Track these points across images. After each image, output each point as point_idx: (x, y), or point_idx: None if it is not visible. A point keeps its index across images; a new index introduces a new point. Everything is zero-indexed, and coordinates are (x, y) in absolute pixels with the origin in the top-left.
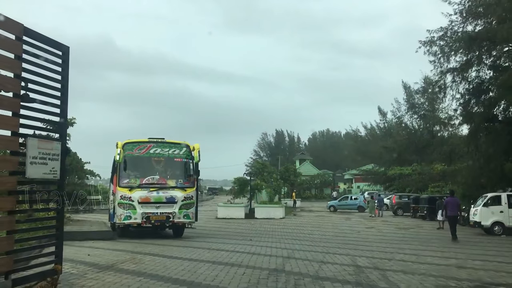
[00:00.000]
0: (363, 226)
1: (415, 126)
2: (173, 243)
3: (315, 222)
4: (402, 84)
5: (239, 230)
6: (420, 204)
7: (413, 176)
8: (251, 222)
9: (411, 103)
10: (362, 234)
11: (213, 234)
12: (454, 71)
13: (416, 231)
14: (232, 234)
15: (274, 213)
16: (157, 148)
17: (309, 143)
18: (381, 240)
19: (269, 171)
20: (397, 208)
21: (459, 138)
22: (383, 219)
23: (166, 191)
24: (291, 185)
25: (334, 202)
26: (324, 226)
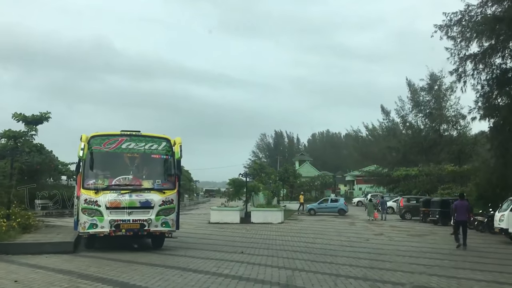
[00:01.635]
0: (370, 232)
1: (420, 125)
2: (144, 258)
3: (317, 228)
4: (407, 81)
5: (231, 238)
6: (432, 207)
7: (420, 177)
8: (247, 228)
9: (416, 101)
10: (372, 243)
11: (199, 244)
12: (476, 57)
13: (432, 239)
14: (221, 244)
15: (272, 218)
16: (131, 143)
17: (308, 144)
18: (397, 251)
19: (267, 172)
20: (405, 211)
21: (469, 137)
22: (391, 223)
23: (140, 194)
24: (291, 187)
25: (314, 205)
26: (327, 232)
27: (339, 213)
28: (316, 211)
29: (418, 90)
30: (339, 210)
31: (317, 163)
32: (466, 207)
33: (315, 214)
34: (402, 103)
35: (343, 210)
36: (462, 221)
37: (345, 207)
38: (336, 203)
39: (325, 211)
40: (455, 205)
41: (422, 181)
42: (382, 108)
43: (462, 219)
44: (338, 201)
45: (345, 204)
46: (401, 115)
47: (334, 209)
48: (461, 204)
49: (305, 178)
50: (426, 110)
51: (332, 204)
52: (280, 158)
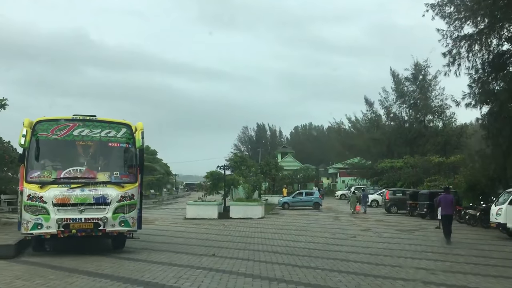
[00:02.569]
0: (356, 227)
1: (404, 116)
2: (94, 264)
3: (299, 223)
4: (391, 71)
5: (205, 236)
6: (419, 200)
7: (405, 169)
8: (224, 224)
9: (400, 92)
10: (360, 240)
11: (167, 245)
12: (471, 38)
13: (424, 235)
14: (192, 244)
15: (252, 212)
16: (84, 129)
17: (291, 137)
18: (389, 251)
19: (248, 164)
20: (390, 205)
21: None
22: (377, 218)
23: (95, 189)
24: (273, 180)
25: (288, 199)
26: (310, 228)
27: (314, 207)
28: (290, 205)
29: (403, 80)
30: (314, 204)
31: (300, 156)
32: (451, 201)
33: (289, 208)
34: (386, 94)
35: (318, 203)
36: (448, 215)
37: (320, 201)
38: (311, 197)
39: (299, 205)
40: (440, 198)
41: (407, 173)
42: (366, 99)
43: (448, 213)
44: (313, 194)
45: (321, 198)
46: (385, 106)
47: (309, 202)
48: (446, 197)
49: (288, 171)
50: (410, 101)
51: (306, 197)
52: (262, 151)
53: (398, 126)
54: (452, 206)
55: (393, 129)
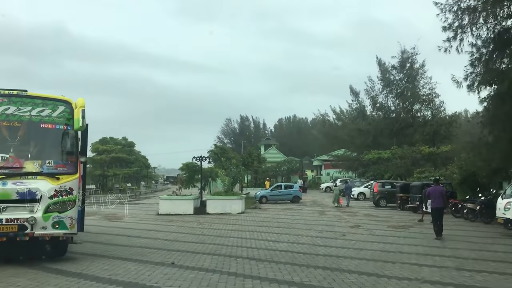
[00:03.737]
0: (344, 224)
1: (391, 106)
2: (9, 279)
3: (282, 219)
4: (377, 60)
5: (174, 236)
6: (411, 193)
7: (393, 160)
8: (199, 220)
9: (386, 81)
10: (351, 240)
11: (122, 248)
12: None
13: (420, 232)
14: (154, 248)
15: (231, 207)
16: (11, 106)
17: (275, 129)
18: (385, 254)
19: (228, 156)
20: (379, 198)
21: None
22: (365, 212)
23: (20, 181)
24: (255, 172)
25: (266, 192)
26: (294, 225)
27: (293, 201)
28: (268, 198)
29: (389, 68)
30: (293, 198)
31: (284, 148)
32: (441, 193)
33: (267, 202)
34: (372, 83)
35: (297, 197)
36: (439, 208)
37: (300, 194)
38: (290, 190)
39: (278, 199)
40: (429, 191)
41: (395, 164)
42: (351, 88)
43: (438, 205)
44: (292, 187)
45: (300, 191)
46: (371, 95)
47: (289, 196)
48: (436, 189)
49: (271, 163)
50: (397, 90)
51: (286, 191)
52: (244, 142)
53: (384, 116)
54: (442, 199)
55: (379, 119)
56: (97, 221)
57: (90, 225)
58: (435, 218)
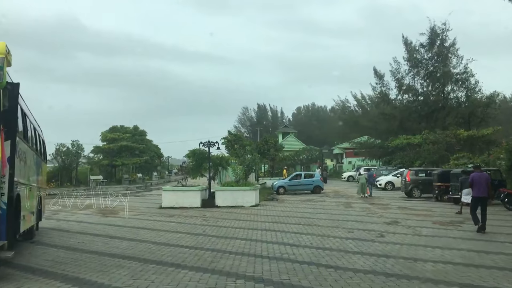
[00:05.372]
0: (378, 219)
1: (418, 88)
2: None
3: (302, 213)
4: (403, 39)
5: (166, 237)
6: (452, 182)
7: (424, 146)
8: (205, 215)
9: (414, 61)
10: (394, 243)
11: (88, 255)
12: None
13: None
14: (127, 258)
15: (243, 199)
16: None
17: (293, 118)
18: (457, 271)
19: (242, 143)
20: (412, 187)
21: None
22: (398, 203)
23: None
24: (272, 161)
25: (284, 182)
26: (317, 222)
27: (314, 191)
28: (286, 189)
29: (417, 47)
30: (314, 188)
31: (302, 137)
32: (486, 180)
33: (285, 193)
34: (398, 64)
35: (319, 187)
36: (483, 198)
37: (321, 184)
38: (311, 179)
39: (297, 189)
40: (472, 178)
41: (427, 150)
42: (375, 71)
43: (482, 195)
44: (313, 176)
45: (321, 180)
46: (397, 77)
47: (309, 186)
48: (480, 176)
49: (289, 152)
50: (427, 70)
51: (306, 180)
52: (262, 132)
53: (412, 99)
54: (487, 187)
55: (406, 102)
56: (87, 216)
57: (76, 222)
58: (476, 207)
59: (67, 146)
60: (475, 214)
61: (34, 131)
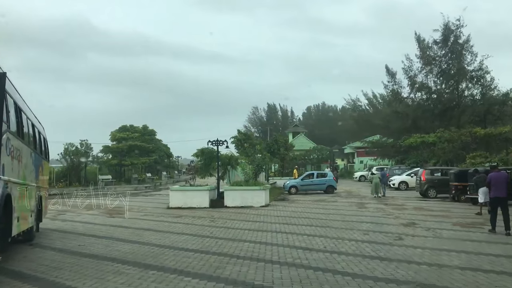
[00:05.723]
0: (394, 221)
1: (432, 86)
2: None
3: (314, 214)
4: (415, 36)
5: (171, 239)
6: (470, 181)
7: (439, 144)
8: (214, 216)
9: (427, 59)
10: (413, 247)
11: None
12: None
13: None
14: (127, 264)
15: (253, 199)
16: None
17: (303, 117)
18: (491, 280)
19: (252, 142)
20: (428, 187)
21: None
22: (414, 204)
23: None
24: (282, 160)
25: (296, 182)
26: (330, 223)
27: (327, 191)
28: (298, 188)
29: (430, 44)
30: (327, 188)
31: (313, 137)
32: (505, 180)
33: (297, 193)
34: (410, 62)
35: (332, 187)
36: (502, 199)
37: (334, 184)
38: (323, 179)
39: (310, 189)
40: (490, 177)
41: (442, 149)
42: (387, 68)
43: (501, 195)
44: (326, 175)
45: (335, 180)
46: (409, 75)
47: (322, 186)
48: (498, 176)
49: (299, 151)
50: (440, 67)
51: (318, 180)
52: (272, 131)
53: (425, 97)
54: (506, 187)
55: (419, 100)
56: (93, 216)
57: (81, 223)
58: (495, 208)
59: (76, 145)
60: (494, 216)
61: (32, 128)
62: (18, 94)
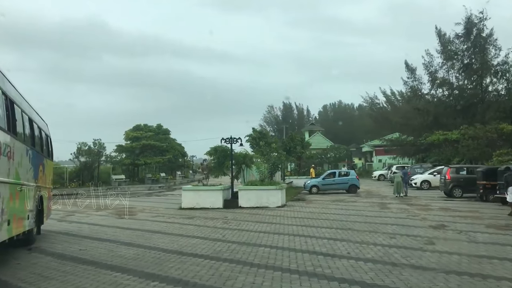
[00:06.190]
0: (421, 222)
1: (454, 81)
2: None
3: (333, 215)
4: (436, 31)
5: (180, 242)
6: (499, 180)
7: (463, 142)
8: (227, 217)
9: (448, 54)
10: (448, 253)
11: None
12: None
13: None
14: (126, 272)
15: (268, 199)
16: None
17: (319, 116)
18: None
19: (267, 141)
20: (453, 186)
21: None
22: (439, 204)
23: None
24: (298, 159)
25: (317, 181)
26: (352, 225)
27: (350, 191)
28: (320, 188)
29: (451, 38)
30: (350, 187)
31: (329, 136)
32: None
33: (318, 192)
34: (430, 57)
35: (355, 186)
36: None
37: (357, 183)
38: (346, 178)
39: (332, 188)
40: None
41: (466, 146)
42: (407, 64)
43: None
44: (348, 174)
45: (357, 178)
46: (430, 71)
47: (344, 185)
48: None
49: (316, 150)
50: (462, 62)
51: (341, 179)
52: (288, 130)
53: (447, 93)
54: None
55: (440, 96)
56: (102, 218)
57: (88, 224)
58: None
59: (89, 145)
60: None
61: (30, 124)
62: (11, 87)
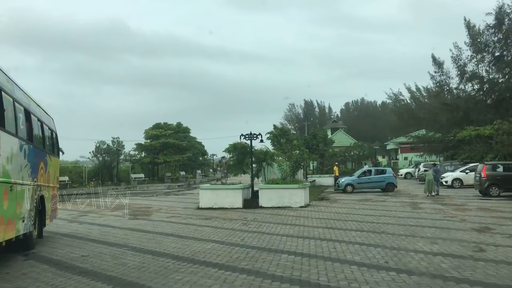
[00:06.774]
0: (461, 225)
1: (484, 75)
2: None
3: (361, 216)
4: (465, 23)
5: (195, 247)
6: None
7: (498, 137)
8: (247, 218)
9: (478, 46)
10: (506, 263)
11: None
12: None
13: None
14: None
15: (291, 199)
16: None
17: (341, 114)
18: None
19: (289, 138)
20: (489, 184)
21: None
22: (476, 204)
23: None
24: (321, 157)
25: (352, 179)
26: (383, 228)
27: (386, 189)
28: (355, 187)
29: (482, 29)
30: (387, 185)
31: (352, 133)
32: None
33: (353, 191)
34: (459, 50)
35: (392, 185)
36: None
37: (395, 181)
38: (383, 176)
39: (368, 187)
40: None
41: (500, 142)
42: (433, 58)
43: None
44: (385, 172)
45: (395, 176)
46: (459, 64)
47: (381, 183)
48: None
49: (339, 148)
50: (494, 54)
51: (377, 177)
52: (309, 127)
53: (477, 87)
54: None
55: (470, 91)
56: (116, 218)
57: (99, 226)
58: None
59: (107, 143)
60: None
61: (27, 116)
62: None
